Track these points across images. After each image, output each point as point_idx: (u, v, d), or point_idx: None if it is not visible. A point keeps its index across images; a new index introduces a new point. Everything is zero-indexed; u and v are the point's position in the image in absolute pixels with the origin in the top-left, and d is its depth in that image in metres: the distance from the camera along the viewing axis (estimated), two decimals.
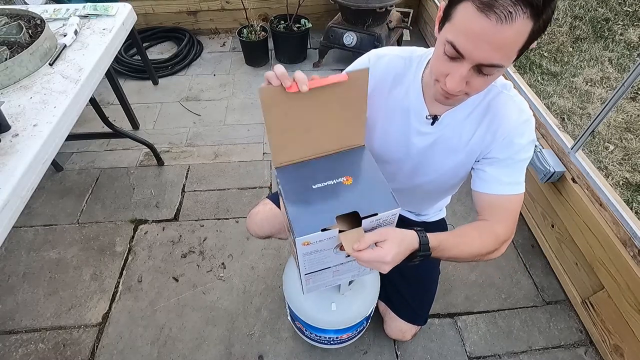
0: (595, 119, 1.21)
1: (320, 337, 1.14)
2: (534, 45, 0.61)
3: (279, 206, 1.09)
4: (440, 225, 1.15)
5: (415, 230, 0.68)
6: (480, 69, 0.60)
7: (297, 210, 0.67)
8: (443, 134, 0.81)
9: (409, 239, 0.66)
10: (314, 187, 0.70)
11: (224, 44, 2.86)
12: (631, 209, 1.51)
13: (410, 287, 1.11)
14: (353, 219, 0.67)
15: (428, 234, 0.68)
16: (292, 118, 0.69)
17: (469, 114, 0.79)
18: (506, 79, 1.71)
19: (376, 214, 0.66)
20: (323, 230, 0.65)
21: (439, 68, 0.65)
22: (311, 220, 0.65)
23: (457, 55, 0.60)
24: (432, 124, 0.80)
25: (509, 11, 0.52)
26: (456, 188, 1.01)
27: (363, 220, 0.66)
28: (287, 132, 0.71)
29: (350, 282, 1.00)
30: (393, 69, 0.81)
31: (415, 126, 0.82)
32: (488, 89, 0.75)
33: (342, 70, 0.76)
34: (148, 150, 1.93)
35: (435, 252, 0.69)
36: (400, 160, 0.88)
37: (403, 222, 0.77)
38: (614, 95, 1.14)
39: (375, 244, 0.64)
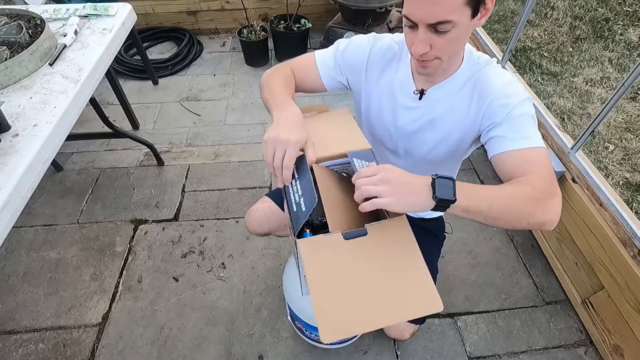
0: (595, 119, 1.21)
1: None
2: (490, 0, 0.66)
3: (277, 204, 1.09)
4: (438, 222, 1.15)
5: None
6: (434, 28, 0.65)
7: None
8: (430, 109, 0.84)
9: (418, 176, 0.62)
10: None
11: (224, 44, 2.86)
12: (631, 209, 1.51)
13: None
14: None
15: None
16: None
17: (455, 89, 0.81)
18: None
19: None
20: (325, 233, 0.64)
21: (407, 41, 0.72)
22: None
23: (412, 23, 0.67)
24: (420, 98, 0.84)
25: None
26: (452, 172, 1.01)
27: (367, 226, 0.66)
28: None
29: None
30: (388, 51, 0.87)
31: (404, 101, 0.86)
32: (471, 66, 0.80)
33: None
34: (148, 150, 1.93)
35: (462, 191, 0.61)
36: (392, 136, 0.91)
37: None
38: (614, 95, 1.14)
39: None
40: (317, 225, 0.74)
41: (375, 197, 0.60)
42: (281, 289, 1.45)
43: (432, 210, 0.61)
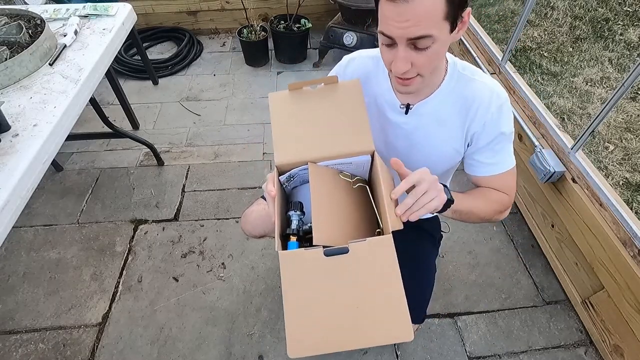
0: (595, 119, 1.21)
1: None
2: (466, 12, 0.65)
3: None
4: (433, 222, 1.15)
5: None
6: (414, 44, 0.64)
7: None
8: (418, 123, 0.83)
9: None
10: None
11: (224, 44, 2.86)
12: (631, 209, 1.51)
13: (406, 285, 1.11)
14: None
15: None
16: (297, 119, 0.74)
17: (442, 103, 0.80)
18: (506, 79, 1.71)
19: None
20: (307, 247, 0.64)
21: (385, 59, 0.71)
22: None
23: (390, 41, 0.66)
24: (406, 112, 0.83)
25: None
26: (446, 180, 1.02)
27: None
28: (291, 130, 0.74)
29: None
30: (363, 68, 0.86)
31: (391, 118, 0.85)
32: (457, 78, 0.79)
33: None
34: (148, 150, 1.93)
35: (456, 197, 0.76)
36: (383, 154, 0.90)
37: None
38: (614, 95, 1.14)
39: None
40: (305, 231, 0.72)
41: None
42: (281, 289, 1.44)
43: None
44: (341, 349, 0.61)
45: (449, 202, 0.72)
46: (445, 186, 0.72)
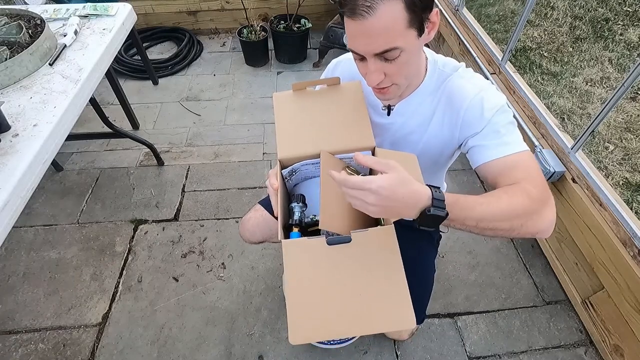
0: (595, 119, 1.21)
1: None
2: (433, 14, 0.64)
3: (270, 211, 1.09)
4: None
5: (428, 186, 0.59)
6: (382, 57, 0.65)
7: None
8: (402, 123, 0.84)
9: (417, 187, 0.56)
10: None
11: (224, 44, 2.86)
12: (631, 209, 1.51)
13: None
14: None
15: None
16: (300, 116, 0.76)
17: (423, 101, 0.80)
18: (506, 79, 1.71)
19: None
20: (310, 236, 0.65)
21: (360, 71, 0.73)
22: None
23: (360, 56, 0.67)
24: (388, 114, 0.84)
25: (367, 5, 0.58)
26: (438, 180, 1.02)
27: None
28: (294, 127, 0.76)
29: None
30: (349, 71, 0.86)
31: (375, 120, 0.86)
32: (437, 76, 0.79)
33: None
34: (148, 150, 1.93)
35: (453, 209, 0.58)
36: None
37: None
38: (614, 95, 1.14)
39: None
40: (307, 223, 0.74)
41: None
42: (281, 289, 1.45)
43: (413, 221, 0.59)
44: (342, 335, 0.61)
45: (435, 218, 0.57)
46: (432, 186, 0.59)
